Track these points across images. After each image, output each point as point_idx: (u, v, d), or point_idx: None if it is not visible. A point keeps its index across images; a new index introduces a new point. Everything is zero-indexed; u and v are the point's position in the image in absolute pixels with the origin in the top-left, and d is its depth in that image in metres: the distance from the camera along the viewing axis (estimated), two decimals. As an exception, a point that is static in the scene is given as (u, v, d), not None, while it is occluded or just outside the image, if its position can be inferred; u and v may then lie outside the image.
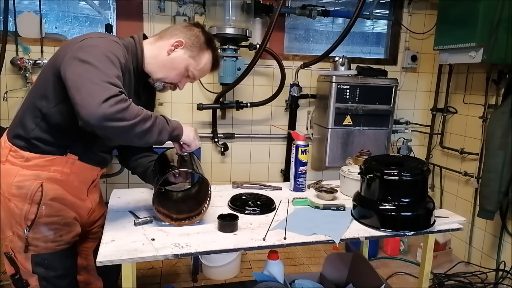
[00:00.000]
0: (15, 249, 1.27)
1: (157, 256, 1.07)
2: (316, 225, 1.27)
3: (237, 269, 2.56)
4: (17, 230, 1.25)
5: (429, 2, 3.12)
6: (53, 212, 1.27)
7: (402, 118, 3.25)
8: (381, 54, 3.33)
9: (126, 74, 1.27)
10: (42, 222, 1.26)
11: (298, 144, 1.62)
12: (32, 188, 1.23)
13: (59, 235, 1.29)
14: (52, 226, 1.28)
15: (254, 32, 2.78)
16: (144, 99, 1.44)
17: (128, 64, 1.28)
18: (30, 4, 2.62)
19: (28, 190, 1.23)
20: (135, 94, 1.36)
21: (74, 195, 1.33)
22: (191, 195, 1.47)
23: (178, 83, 1.40)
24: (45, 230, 1.27)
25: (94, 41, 1.17)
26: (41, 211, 1.25)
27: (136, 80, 1.34)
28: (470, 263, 2.82)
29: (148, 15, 2.71)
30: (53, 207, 1.27)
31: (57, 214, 1.28)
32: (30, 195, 1.23)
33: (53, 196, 1.26)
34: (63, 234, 1.31)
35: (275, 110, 3.05)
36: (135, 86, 1.35)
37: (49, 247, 1.28)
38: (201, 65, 1.38)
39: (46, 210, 1.25)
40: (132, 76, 1.31)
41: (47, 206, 1.25)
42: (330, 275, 1.80)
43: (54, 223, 1.28)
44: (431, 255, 1.42)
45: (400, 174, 1.26)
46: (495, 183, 2.34)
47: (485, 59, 2.32)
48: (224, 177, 3.03)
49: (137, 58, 1.33)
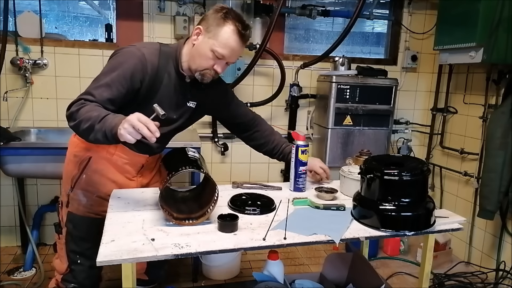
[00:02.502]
0: (63, 202, 1.56)
1: (157, 256, 1.07)
2: (316, 225, 1.27)
3: (237, 269, 2.56)
4: (67, 188, 1.54)
5: (429, 2, 3.12)
6: (91, 182, 1.51)
7: (402, 118, 3.25)
8: (381, 54, 3.33)
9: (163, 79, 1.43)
10: (80, 187, 1.51)
11: (298, 144, 1.61)
12: (82, 158, 1.50)
13: (90, 204, 1.52)
14: (87, 194, 1.51)
15: (254, 32, 2.78)
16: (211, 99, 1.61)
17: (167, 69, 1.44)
18: (30, 4, 2.62)
19: (79, 159, 1.50)
20: (181, 94, 1.51)
21: (121, 173, 1.55)
22: (191, 197, 1.47)
23: (214, 67, 1.42)
24: (81, 195, 1.51)
25: (115, 58, 1.40)
26: (81, 178, 1.50)
27: (180, 81, 1.47)
28: (470, 263, 2.82)
29: (148, 15, 2.71)
30: (92, 178, 1.50)
31: (94, 186, 1.51)
32: (79, 164, 1.50)
33: (95, 169, 1.50)
34: (94, 205, 1.52)
35: (275, 110, 3.05)
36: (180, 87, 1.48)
37: (79, 210, 1.52)
38: (223, 41, 1.37)
39: (86, 179, 1.50)
40: (172, 79, 1.46)
41: (87, 176, 1.50)
42: (330, 275, 1.80)
43: (89, 192, 1.51)
44: (431, 255, 1.42)
45: (400, 174, 1.26)
46: (495, 183, 2.34)
47: (485, 59, 2.32)
48: (224, 177, 3.03)
49: (176, 61, 1.46)
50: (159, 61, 1.42)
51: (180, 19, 2.69)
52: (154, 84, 1.43)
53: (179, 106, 1.54)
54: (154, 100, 1.41)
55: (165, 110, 1.28)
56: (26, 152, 2.18)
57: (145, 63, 1.38)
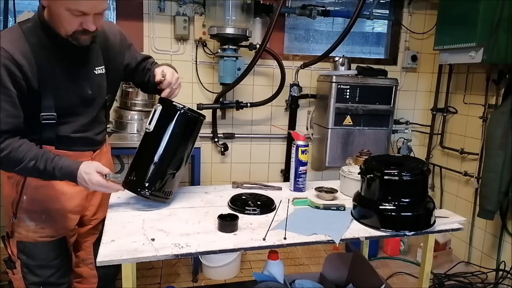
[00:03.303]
0: (8, 233, 1.37)
1: (157, 256, 1.07)
2: (316, 225, 1.27)
3: (237, 269, 2.56)
4: (10, 215, 1.34)
5: (429, 2, 3.12)
6: (35, 202, 1.32)
7: (402, 118, 3.25)
8: (381, 54, 3.33)
9: (49, 59, 1.23)
10: (23, 211, 1.32)
11: (298, 144, 1.61)
12: (17, 177, 1.30)
13: (40, 227, 1.34)
14: (34, 216, 1.33)
15: (254, 32, 2.78)
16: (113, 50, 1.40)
17: (45, 46, 1.22)
18: (30, 4, 2.62)
19: (15, 180, 1.31)
20: (81, 65, 1.30)
21: (67, 183, 1.30)
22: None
23: (83, 26, 1.18)
24: (27, 219, 1.33)
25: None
26: (23, 200, 1.31)
27: (69, 50, 1.26)
28: (470, 263, 2.82)
29: (148, 15, 2.71)
30: (35, 197, 1.32)
31: (39, 205, 1.33)
32: (15, 184, 1.31)
33: (35, 186, 1.31)
34: (46, 227, 1.35)
35: (275, 110, 3.05)
36: (75, 57, 1.27)
37: (29, 237, 1.34)
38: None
39: (28, 200, 1.31)
40: (59, 53, 1.24)
41: (28, 196, 1.31)
42: (330, 275, 1.80)
43: (35, 213, 1.33)
44: (431, 255, 1.42)
45: (400, 174, 1.26)
46: (495, 183, 2.34)
47: (485, 59, 2.32)
48: (224, 177, 3.03)
49: (51, 31, 1.22)
50: (30, 44, 1.20)
51: (180, 19, 2.69)
52: (41, 70, 1.21)
53: (87, 78, 1.33)
54: (56, 84, 1.25)
55: (74, 90, 1.27)
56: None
57: (13, 60, 1.16)
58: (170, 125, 1.33)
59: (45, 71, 1.22)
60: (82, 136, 1.36)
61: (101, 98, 1.41)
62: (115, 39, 1.44)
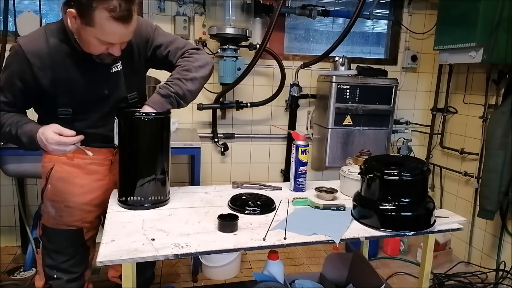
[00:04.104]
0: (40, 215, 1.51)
1: (157, 256, 1.07)
2: (316, 225, 1.27)
3: (237, 269, 2.56)
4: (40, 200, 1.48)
5: (429, 2, 3.12)
6: (56, 192, 1.43)
7: (402, 118, 3.25)
8: (381, 54, 3.33)
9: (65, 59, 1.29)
10: (48, 198, 1.44)
11: (298, 144, 1.61)
12: (47, 167, 1.44)
13: (59, 215, 1.44)
14: (55, 205, 1.43)
15: (254, 32, 2.78)
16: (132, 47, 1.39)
17: (62, 47, 1.28)
18: (30, 4, 2.62)
19: (45, 170, 1.44)
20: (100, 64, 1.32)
21: (89, 175, 1.45)
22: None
23: (110, 51, 1.25)
24: (49, 207, 1.44)
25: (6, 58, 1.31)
26: (47, 189, 1.44)
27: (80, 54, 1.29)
28: (470, 263, 2.82)
29: (148, 15, 2.71)
30: (57, 188, 1.43)
31: (60, 195, 1.43)
32: (45, 174, 1.44)
33: (58, 177, 1.42)
34: (64, 216, 1.44)
35: (275, 110, 3.05)
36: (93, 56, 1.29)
37: (50, 222, 1.45)
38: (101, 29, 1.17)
39: (51, 189, 1.43)
40: (79, 53, 1.29)
41: (52, 185, 1.43)
42: (330, 275, 1.80)
43: (56, 202, 1.43)
44: (431, 255, 1.42)
45: (400, 174, 1.26)
46: (495, 183, 2.34)
47: (485, 59, 2.32)
48: (224, 177, 3.03)
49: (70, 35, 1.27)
50: (49, 45, 1.26)
51: (180, 19, 2.69)
52: (56, 71, 1.28)
53: (104, 78, 1.37)
54: (72, 85, 1.31)
55: (90, 90, 1.32)
56: (26, 152, 2.17)
57: (25, 57, 1.24)
58: (129, 135, 1.35)
59: (61, 72, 1.29)
60: (95, 132, 1.40)
61: (117, 95, 1.42)
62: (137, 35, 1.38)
